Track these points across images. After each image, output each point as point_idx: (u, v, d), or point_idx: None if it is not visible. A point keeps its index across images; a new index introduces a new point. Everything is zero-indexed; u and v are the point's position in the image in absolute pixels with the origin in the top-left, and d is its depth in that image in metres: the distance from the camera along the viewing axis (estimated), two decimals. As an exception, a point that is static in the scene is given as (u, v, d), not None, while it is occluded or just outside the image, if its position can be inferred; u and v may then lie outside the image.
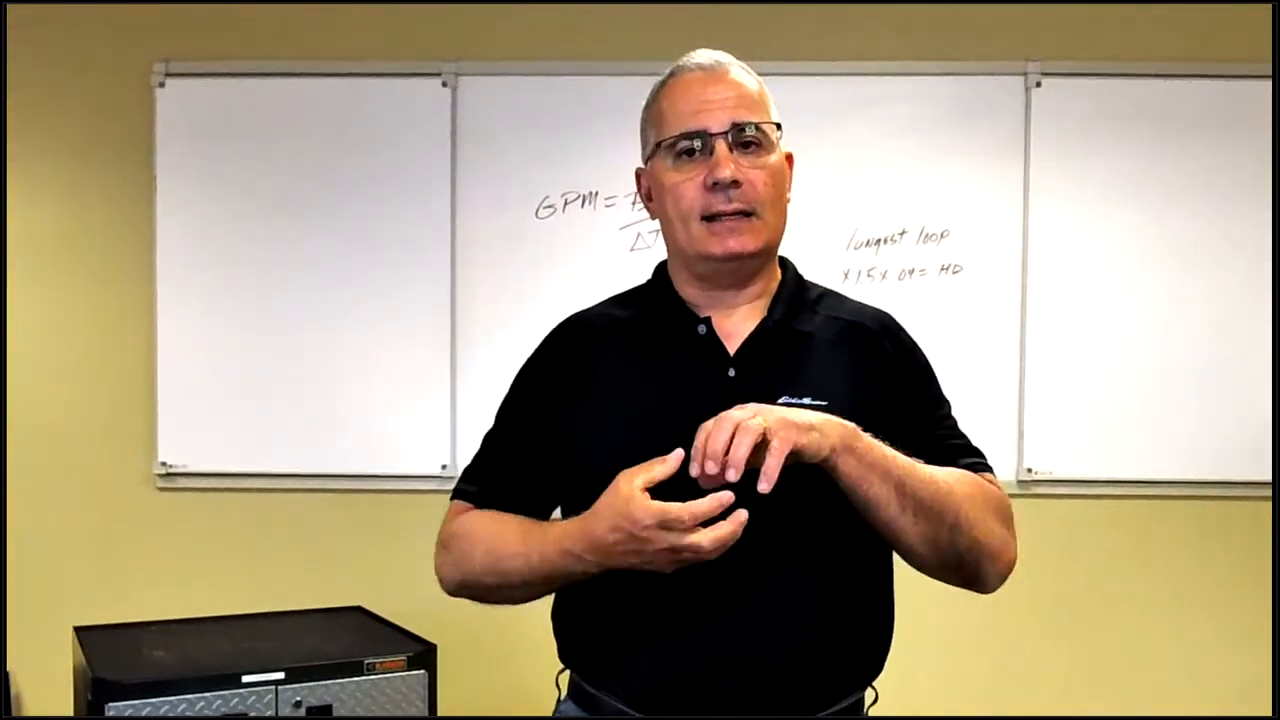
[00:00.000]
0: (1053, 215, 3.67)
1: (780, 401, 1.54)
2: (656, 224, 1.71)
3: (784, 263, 1.77)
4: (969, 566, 1.57)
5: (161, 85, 3.68)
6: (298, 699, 2.69)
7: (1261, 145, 3.66)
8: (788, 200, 1.71)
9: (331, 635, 3.05)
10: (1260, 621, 3.75)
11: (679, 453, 1.44)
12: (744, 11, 3.70)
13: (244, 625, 3.13)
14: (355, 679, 2.75)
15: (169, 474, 3.73)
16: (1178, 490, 3.71)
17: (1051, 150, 3.67)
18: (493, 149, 3.68)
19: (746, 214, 1.61)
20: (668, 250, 1.71)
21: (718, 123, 1.61)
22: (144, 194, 3.71)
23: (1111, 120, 3.67)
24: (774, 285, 1.72)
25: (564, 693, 1.70)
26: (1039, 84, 3.66)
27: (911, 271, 3.67)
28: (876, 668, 1.66)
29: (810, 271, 1.76)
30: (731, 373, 1.61)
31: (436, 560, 1.71)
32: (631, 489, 1.43)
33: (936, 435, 1.68)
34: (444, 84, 3.68)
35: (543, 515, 1.65)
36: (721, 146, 1.60)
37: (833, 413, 1.53)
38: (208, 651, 2.85)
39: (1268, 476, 3.68)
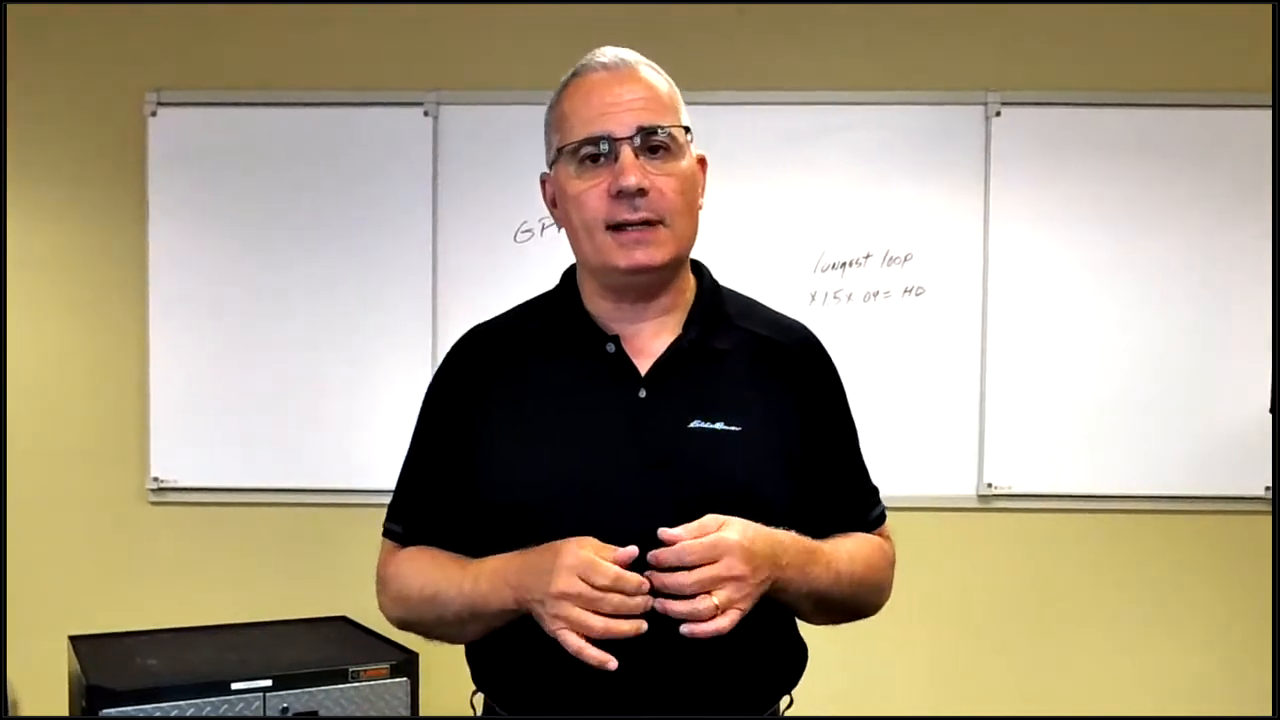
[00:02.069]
0: (1012, 239, 3.76)
1: (692, 426, 1.49)
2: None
3: (699, 269, 1.65)
4: (851, 619, 1.63)
5: (153, 114, 3.76)
6: (284, 705, 2.73)
7: (1214, 169, 3.75)
8: (700, 207, 1.58)
9: (317, 644, 3.10)
10: (1217, 631, 3.83)
11: (632, 550, 1.37)
12: (713, 42, 3.78)
13: (233, 634, 3.17)
14: (340, 686, 2.79)
15: (160, 489, 3.79)
16: (1134, 505, 3.79)
17: (1011, 176, 3.76)
18: (473, 176, 3.76)
19: (654, 223, 1.49)
20: (576, 260, 1.61)
21: (623, 127, 1.48)
22: (136, 219, 3.78)
23: (1068, 147, 3.76)
24: (688, 297, 1.60)
25: (479, 711, 1.67)
26: (998, 113, 3.75)
27: (876, 293, 3.75)
28: (791, 683, 1.61)
29: (778, 294, 1.69)
30: (642, 394, 1.51)
31: (378, 599, 1.66)
32: (583, 542, 1.38)
33: (845, 478, 1.64)
34: (426, 113, 3.76)
35: (471, 548, 1.55)
36: (627, 152, 1.47)
37: (747, 437, 1.49)
38: (198, 659, 2.90)
39: (1222, 491, 3.77)
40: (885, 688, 3.79)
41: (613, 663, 1.35)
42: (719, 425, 1.50)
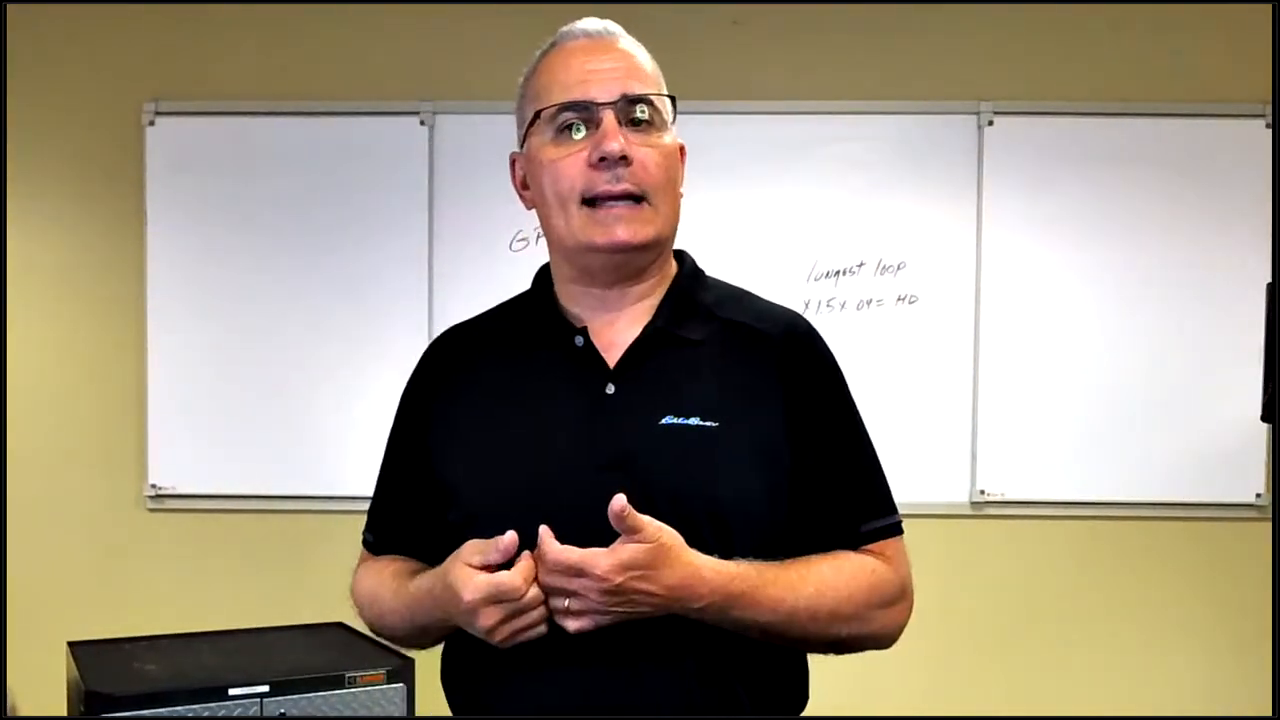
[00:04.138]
0: (1005, 247, 3.79)
1: (664, 423, 1.37)
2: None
3: (681, 257, 1.53)
4: (846, 651, 1.46)
5: (151, 124, 3.79)
6: (281, 710, 2.72)
7: (1205, 178, 3.78)
8: (680, 194, 1.47)
9: (314, 650, 3.08)
10: (1209, 637, 3.86)
11: (511, 539, 1.28)
12: (708, 53, 3.80)
13: (230, 640, 3.14)
14: (336, 692, 2.77)
15: (158, 495, 3.82)
16: (1127, 511, 3.82)
17: (1003, 185, 3.79)
18: (468, 184, 3.78)
19: (636, 199, 1.38)
20: (548, 245, 1.51)
21: (606, 92, 1.39)
22: (135, 227, 3.81)
23: (1060, 156, 3.80)
24: (666, 286, 1.48)
25: None
26: (991, 122, 3.79)
27: (869, 301, 3.79)
28: (797, 706, 1.49)
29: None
30: (610, 389, 1.40)
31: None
32: (461, 564, 1.30)
33: (837, 484, 1.45)
34: (421, 122, 3.79)
35: (438, 558, 1.41)
36: (610, 117, 1.37)
37: (724, 434, 1.37)
38: (195, 665, 2.88)
39: (1214, 498, 3.80)
40: (878, 691, 3.80)
41: (573, 622, 1.29)
42: (693, 421, 1.37)
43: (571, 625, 1.29)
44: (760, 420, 1.40)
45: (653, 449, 1.36)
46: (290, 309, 3.81)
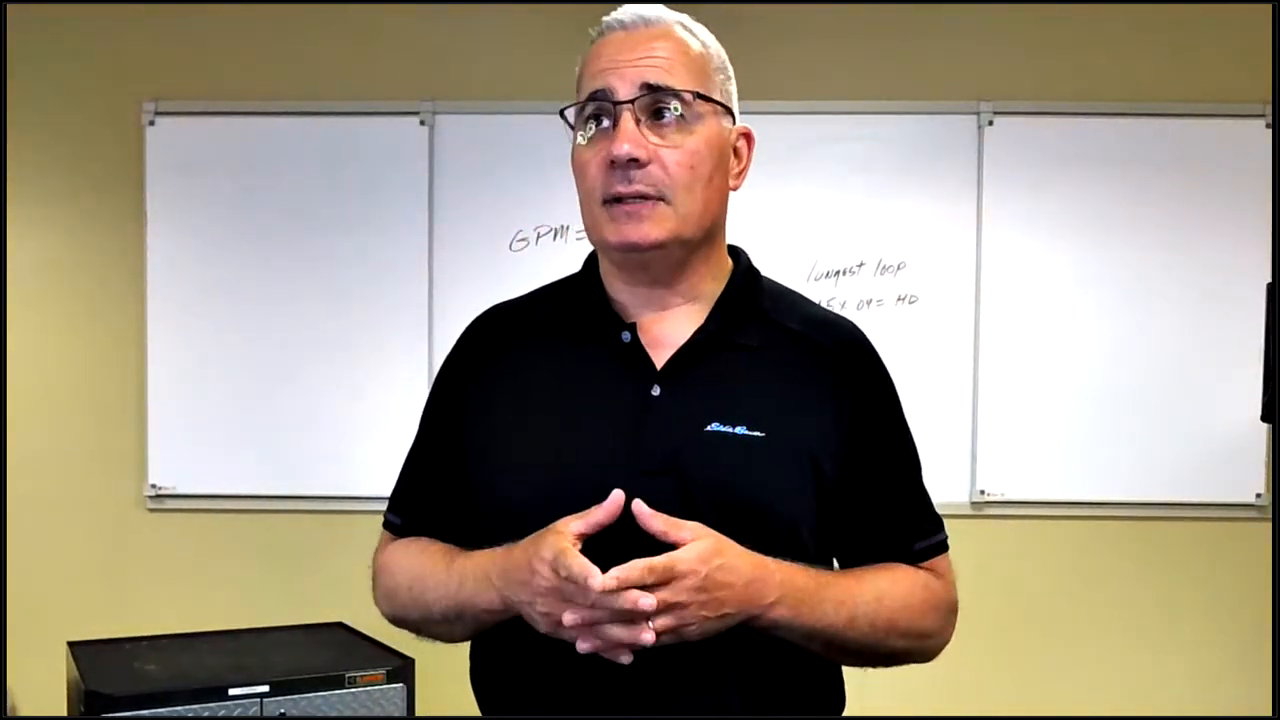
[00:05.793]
0: (1004, 247, 3.79)
1: (710, 429, 1.33)
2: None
3: (736, 254, 1.51)
4: (894, 664, 1.44)
5: (151, 124, 3.79)
6: (281, 710, 2.74)
7: (1204, 178, 3.78)
8: (732, 187, 1.46)
9: (314, 650, 3.10)
10: (1210, 638, 3.85)
11: (618, 496, 1.24)
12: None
13: (230, 640, 3.17)
14: (336, 692, 2.80)
15: (158, 495, 3.82)
16: (1127, 511, 3.82)
17: (1003, 185, 3.79)
18: (468, 185, 3.78)
19: (651, 198, 1.34)
20: None
21: (625, 87, 1.34)
22: (135, 227, 3.80)
23: (1060, 156, 3.79)
24: (719, 285, 1.45)
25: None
26: (991, 122, 3.78)
27: (869, 301, 3.79)
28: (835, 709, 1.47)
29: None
30: (656, 391, 1.36)
31: (373, 593, 1.54)
32: (559, 528, 1.25)
33: (888, 500, 1.45)
34: (422, 123, 3.79)
35: (467, 542, 1.42)
36: (626, 118, 1.33)
37: (772, 445, 1.33)
38: (196, 665, 2.90)
39: (1214, 498, 3.80)
40: (878, 691, 3.79)
41: (626, 656, 1.23)
42: (740, 430, 1.33)
43: (648, 637, 1.21)
44: (809, 433, 1.37)
45: (697, 455, 1.33)
46: (290, 309, 3.81)
